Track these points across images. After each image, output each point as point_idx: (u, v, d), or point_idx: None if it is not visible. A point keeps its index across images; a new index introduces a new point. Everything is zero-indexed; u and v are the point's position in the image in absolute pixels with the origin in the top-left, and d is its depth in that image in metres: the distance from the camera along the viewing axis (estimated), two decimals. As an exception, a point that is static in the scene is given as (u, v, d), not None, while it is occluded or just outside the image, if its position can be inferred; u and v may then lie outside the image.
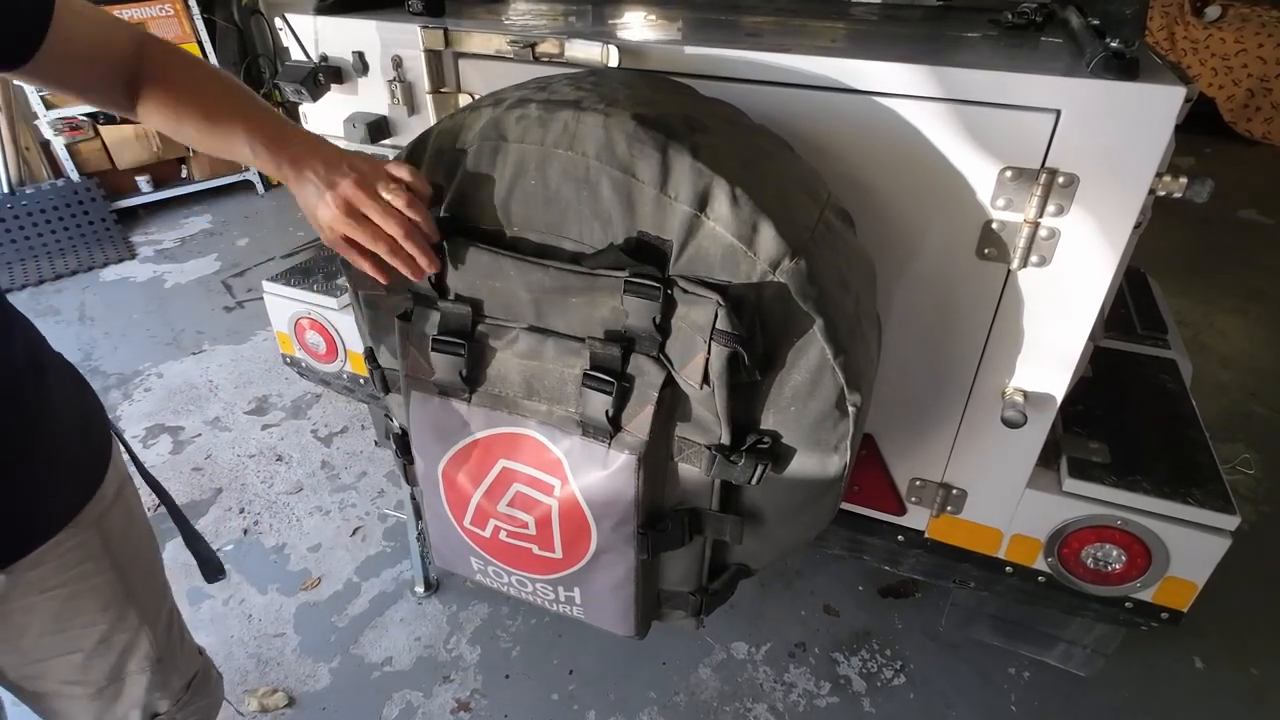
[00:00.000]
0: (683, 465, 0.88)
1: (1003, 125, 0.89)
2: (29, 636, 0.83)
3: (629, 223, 0.76)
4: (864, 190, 0.98)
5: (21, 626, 0.82)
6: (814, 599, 1.85)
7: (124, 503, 0.89)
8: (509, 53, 1.06)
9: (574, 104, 0.78)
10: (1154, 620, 1.19)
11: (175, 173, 4.07)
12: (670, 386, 0.80)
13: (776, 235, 0.73)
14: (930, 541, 1.27)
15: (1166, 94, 0.80)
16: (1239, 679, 1.67)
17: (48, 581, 0.81)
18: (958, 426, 1.12)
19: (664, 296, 0.75)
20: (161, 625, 0.96)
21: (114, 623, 0.89)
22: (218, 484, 2.25)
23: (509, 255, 0.80)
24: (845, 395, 0.78)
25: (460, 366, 0.87)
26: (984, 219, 0.95)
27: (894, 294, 1.05)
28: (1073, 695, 1.62)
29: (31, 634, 0.83)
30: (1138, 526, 1.10)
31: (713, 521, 0.92)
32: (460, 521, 0.98)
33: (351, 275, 0.91)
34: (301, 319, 1.61)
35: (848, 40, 1.16)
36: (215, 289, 3.34)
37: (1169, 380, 1.38)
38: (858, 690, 1.64)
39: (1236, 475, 2.22)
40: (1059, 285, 0.95)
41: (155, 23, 3.65)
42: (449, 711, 1.60)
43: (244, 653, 1.73)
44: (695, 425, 0.84)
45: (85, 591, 0.85)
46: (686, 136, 0.76)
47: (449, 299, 0.86)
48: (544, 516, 0.91)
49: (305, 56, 1.30)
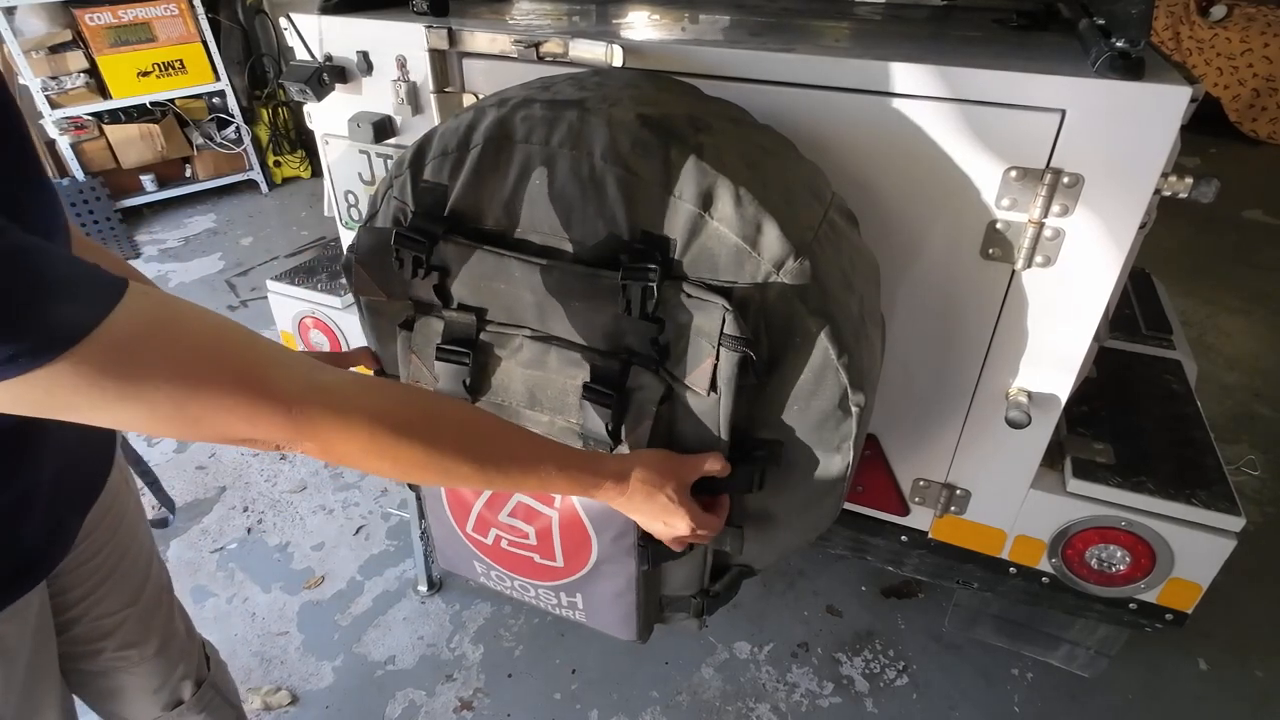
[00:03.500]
0: None
1: (1008, 125, 0.88)
2: (104, 585, 0.90)
3: (633, 222, 0.76)
4: (868, 190, 0.98)
5: (98, 572, 0.88)
6: (817, 599, 1.85)
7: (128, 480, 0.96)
8: (513, 52, 1.06)
9: (579, 104, 0.78)
10: (1158, 622, 1.18)
11: (179, 172, 4.08)
12: (668, 401, 0.79)
13: (780, 235, 0.73)
14: (934, 542, 1.27)
15: (1172, 94, 0.80)
16: (1243, 681, 1.66)
17: (102, 537, 0.88)
18: (962, 427, 1.12)
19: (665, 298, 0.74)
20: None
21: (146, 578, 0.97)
22: (221, 483, 2.25)
23: (513, 255, 0.79)
24: (849, 395, 0.78)
25: (464, 376, 0.86)
26: (988, 219, 0.95)
27: (898, 294, 1.05)
28: (1076, 696, 1.61)
29: (102, 579, 0.89)
30: (1142, 528, 1.10)
31: None
32: (462, 528, 0.98)
33: (353, 281, 0.90)
34: (306, 318, 1.62)
35: (852, 40, 1.16)
36: (219, 288, 3.34)
37: (1174, 381, 1.37)
38: (860, 691, 1.64)
39: (1241, 476, 2.21)
40: (1064, 286, 0.95)
41: (160, 23, 3.66)
42: (452, 710, 1.61)
43: (247, 651, 1.73)
44: (695, 441, 0.83)
45: (125, 551, 0.92)
46: (691, 136, 0.76)
47: (452, 307, 0.85)
48: (544, 528, 0.91)
49: (310, 56, 1.30)
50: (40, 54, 3.44)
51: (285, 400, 0.52)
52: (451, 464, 0.60)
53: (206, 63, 3.83)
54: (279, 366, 0.53)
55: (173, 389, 0.48)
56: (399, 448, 0.57)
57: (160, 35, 3.69)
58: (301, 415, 0.53)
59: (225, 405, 0.50)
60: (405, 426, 0.57)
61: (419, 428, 0.58)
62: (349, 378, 0.58)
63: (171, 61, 3.75)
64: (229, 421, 0.51)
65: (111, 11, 3.54)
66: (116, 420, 0.49)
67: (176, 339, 0.50)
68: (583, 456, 0.72)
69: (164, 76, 3.75)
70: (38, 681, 0.78)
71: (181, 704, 1.05)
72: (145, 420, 0.49)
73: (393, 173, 0.89)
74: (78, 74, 3.58)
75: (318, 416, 0.53)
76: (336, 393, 0.55)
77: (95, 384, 0.46)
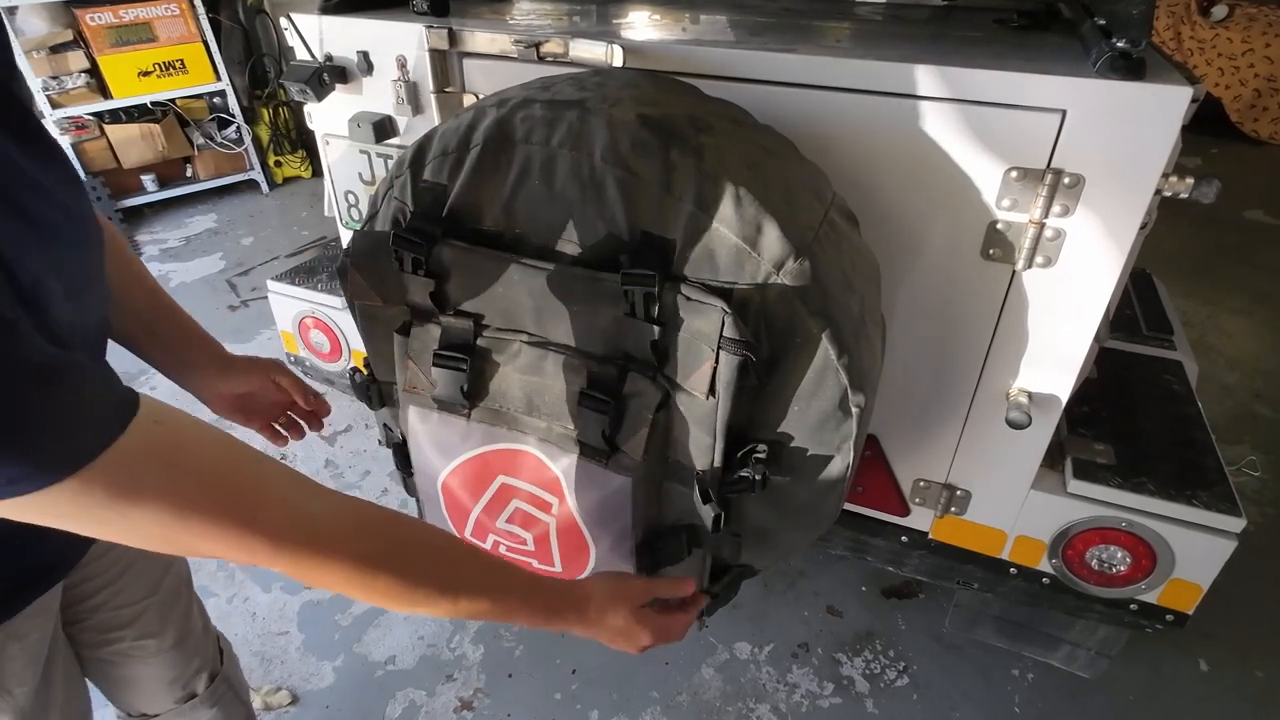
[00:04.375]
0: (678, 486, 0.87)
1: (1008, 125, 0.88)
2: (124, 575, 0.90)
3: (633, 223, 0.75)
4: (869, 190, 0.98)
5: (118, 563, 0.90)
6: (817, 600, 1.85)
7: None
8: (513, 53, 1.06)
9: (579, 104, 0.78)
10: (1159, 622, 1.18)
11: (180, 172, 4.08)
12: (665, 408, 0.79)
13: (780, 235, 0.73)
14: (934, 542, 1.27)
15: (1173, 94, 0.80)
16: (1244, 682, 1.66)
17: None
18: (962, 427, 1.12)
19: (664, 300, 0.74)
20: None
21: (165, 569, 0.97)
22: (222, 482, 2.25)
23: (511, 258, 0.78)
24: (849, 396, 0.78)
25: (461, 382, 0.85)
26: (989, 219, 0.94)
27: (898, 294, 1.05)
28: (1077, 697, 1.61)
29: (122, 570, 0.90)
30: (1143, 528, 1.10)
31: (710, 540, 0.91)
32: (461, 533, 0.98)
33: (348, 286, 0.89)
34: (306, 318, 1.62)
35: (853, 40, 1.16)
36: (220, 288, 3.34)
37: (1174, 382, 1.37)
38: (861, 691, 1.64)
39: (1242, 477, 2.21)
40: (1064, 286, 0.95)
41: (161, 22, 3.66)
42: (452, 710, 1.61)
43: (248, 651, 1.73)
44: (691, 446, 0.82)
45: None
46: (691, 136, 0.76)
47: (449, 312, 0.84)
48: (542, 534, 0.90)
49: (310, 56, 1.30)
50: (41, 54, 3.44)
51: (271, 536, 0.54)
52: (424, 598, 0.63)
53: (207, 62, 3.83)
54: (268, 503, 0.55)
55: (163, 516, 0.50)
56: (375, 584, 0.59)
57: (161, 35, 3.69)
58: (284, 551, 0.55)
59: (211, 536, 0.52)
60: (384, 563, 0.60)
61: (396, 564, 0.61)
62: (335, 510, 0.59)
63: (172, 61, 3.75)
64: (213, 549, 0.53)
65: (112, 11, 3.54)
66: (104, 536, 0.50)
67: (174, 466, 0.51)
68: (546, 588, 0.74)
69: (165, 76, 3.75)
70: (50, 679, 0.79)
71: (195, 697, 1.06)
72: (133, 540, 0.51)
73: (393, 173, 0.89)
74: (78, 74, 3.58)
75: (300, 553, 0.55)
76: (322, 530, 0.57)
77: (90, 506, 0.47)
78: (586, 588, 0.77)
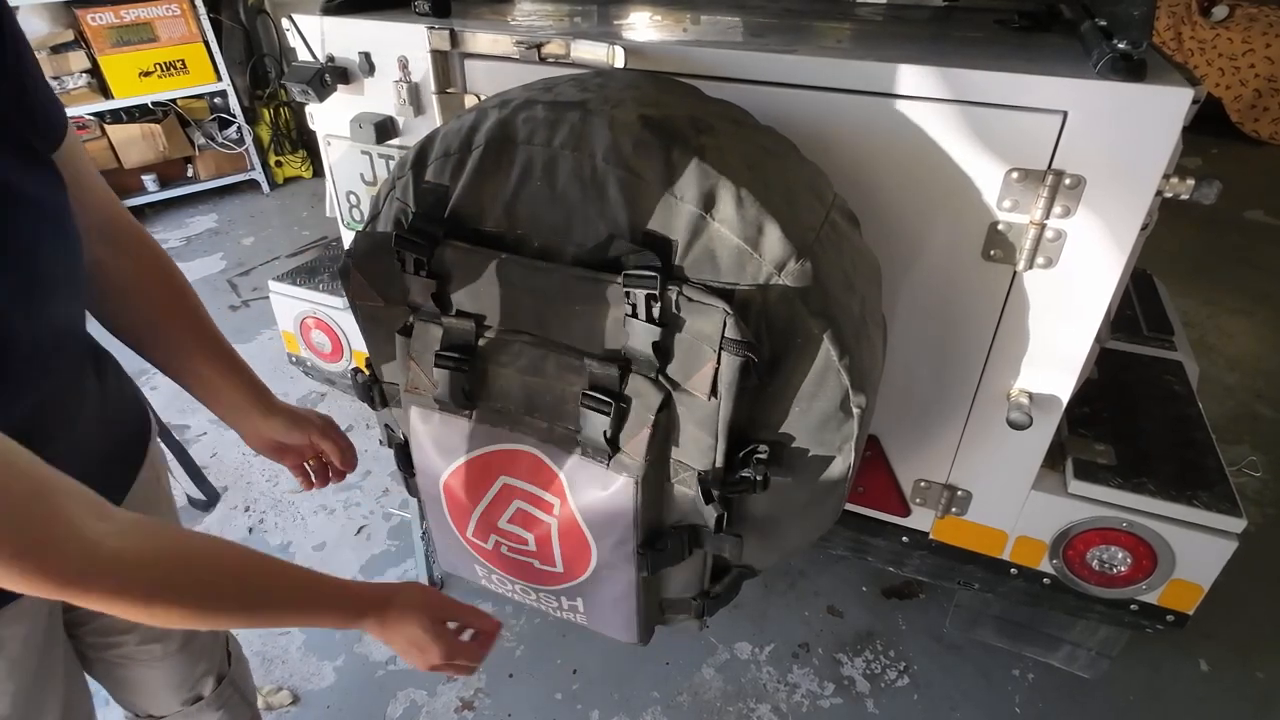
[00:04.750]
0: (679, 487, 0.87)
1: (1009, 126, 0.88)
2: None
3: (635, 224, 0.76)
4: (870, 191, 0.98)
5: None
6: (818, 600, 1.85)
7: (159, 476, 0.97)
8: (515, 53, 1.06)
9: (580, 105, 0.78)
10: (1159, 623, 1.18)
11: (181, 172, 4.09)
12: (667, 409, 0.79)
13: (782, 236, 0.73)
14: (934, 543, 1.27)
15: (1174, 95, 0.80)
16: (1244, 682, 1.66)
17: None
18: (963, 428, 1.12)
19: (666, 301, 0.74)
20: None
21: None
22: (223, 482, 2.25)
23: (514, 258, 0.79)
24: (850, 397, 0.78)
25: (463, 382, 0.85)
26: (990, 220, 0.95)
27: (899, 295, 1.05)
28: (1077, 697, 1.61)
29: None
30: (1143, 529, 1.10)
31: (712, 540, 0.91)
32: (463, 534, 0.98)
33: (350, 287, 0.90)
34: (307, 318, 1.62)
35: (854, 41, 1.16)
36: (221, 288, 3.35)
37: (1175, 382, 1.37)
38: (861, 691, 1.64)
39: (1243, 477, 2.21)
40: (1065, 287, 0.95)
41: (162, 23, 3.66)
42: (453, 710, 1.61)
43: (249, 650, 1.72)
44: (693, 447, 0.82)
45: None
46: (693, 137, 0.76)
47: (450, 313, 0.85)
48: (544, 535, 0.90)
49: (312, 57, 1.30)
50: (42, 54, 3.45)
51: (64, 578, 0.53)
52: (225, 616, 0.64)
53: (208, 63, 3.84)
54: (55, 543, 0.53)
55: None
56: (171, 611, 0.60)
57: (162, 35, 3.69)
58: (79, 589, 0.55)
59: (5, 577, 0.51)
60: (182, 592, 0.60)
61: (196, 591, 0.62)
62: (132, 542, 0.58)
63: (173, 61, 3.75)
64: (12, 585, 0.52)
65: (113, 11, 3.54)
66: None
67: None
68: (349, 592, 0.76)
69: (166, 76, 3.76)
70: (43, 683, 0.78)
71: (201, 700, 1.06)
72: None
73: (395, 174, 0.89)
74: (79, 74, 3.59)
75: (95, 591, 0.56)
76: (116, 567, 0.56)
77: None
78: (389, 592, 0.79)
